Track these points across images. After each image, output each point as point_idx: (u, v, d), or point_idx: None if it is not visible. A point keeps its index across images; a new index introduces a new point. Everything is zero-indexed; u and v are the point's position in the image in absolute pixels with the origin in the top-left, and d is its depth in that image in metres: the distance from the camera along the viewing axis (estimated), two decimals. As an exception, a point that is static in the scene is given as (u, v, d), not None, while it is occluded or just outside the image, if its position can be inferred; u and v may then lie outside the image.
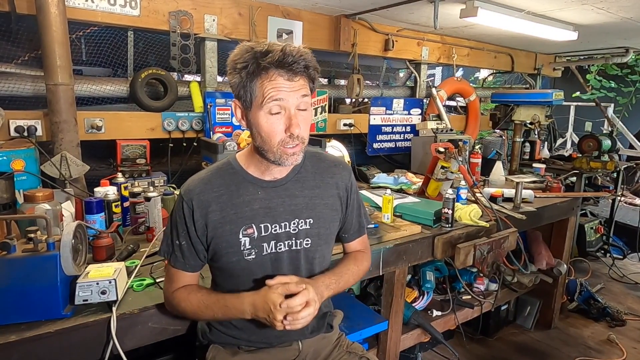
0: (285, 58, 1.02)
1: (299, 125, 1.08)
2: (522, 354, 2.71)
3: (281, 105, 1.06)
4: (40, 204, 1.52)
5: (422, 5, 2.65)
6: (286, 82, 1.05)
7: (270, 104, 1.05)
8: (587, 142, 3.73)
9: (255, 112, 1.08)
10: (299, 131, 1.08)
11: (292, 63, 1.03)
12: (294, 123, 1.07)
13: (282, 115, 1.07)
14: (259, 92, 1.05)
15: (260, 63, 1.03)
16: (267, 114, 1.06)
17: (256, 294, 1.12)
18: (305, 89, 1.08)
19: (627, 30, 3.30)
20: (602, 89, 6.62)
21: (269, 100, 1.04)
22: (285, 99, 1.05)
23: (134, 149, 2.35)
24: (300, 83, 1.07)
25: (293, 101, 1.06)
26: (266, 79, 1.04)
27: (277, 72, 1.04)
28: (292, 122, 1.07)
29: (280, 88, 1.04)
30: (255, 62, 1.03)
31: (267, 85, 1.04)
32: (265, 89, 1.04)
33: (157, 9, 2.36)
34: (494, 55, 4.22)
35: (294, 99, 1.06)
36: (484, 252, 2.01)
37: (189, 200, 1.14)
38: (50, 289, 1.13)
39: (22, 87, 2.15)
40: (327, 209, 1.25)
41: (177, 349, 1.56)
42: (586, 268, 3.84)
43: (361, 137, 3.46)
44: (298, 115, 1.08)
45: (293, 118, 1.07)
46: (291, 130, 1.07)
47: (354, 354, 1.37)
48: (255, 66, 1.03)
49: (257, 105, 1.07)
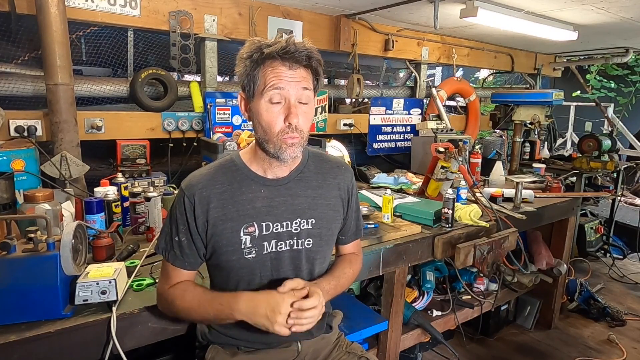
0: (288, 47, 1.04)
1: (298, 116, 1.08)
2: (522, 354, 2.71)
3: (281, 95, 1.07)
4: (40, 204, 1.52)
5: (422, 5, 2.65)
6: (288, 71, 1.06)
7: (270, 92, 1.06)
8: (587, 142, 3.72)
9: (257, 101, 1.09)
10: (298, 122, 1.08)
11: (294, 52, 1.05)
12: (292, 112, 1.07)
13: (282, 105, 1.08)
14: (261, 80, 1.07)
15: (263, 52, 1.05)
16: (267, 102, 1.08)
17: (258, 293, 1.11)
18: (306, 81, 1.09)
19: (627, 30, 3.30)
20: (602, 89, 6.62)
21: (270, 88, 1.06)
22: (286, 87, 1.06)
23: (134, 149, 2.35)
24: (301, 74, 1.08)
25: (293, 91, 1.07)
26: (269, 67, 1.06)
27: (280, 61, 1.06)
28: (292, 111, 1.07)
29: (281, 76, 1.06)
30: (259, 51, 1.06)
31: (269, 74, 1.06)
32: (267, 76, 1.06)
33: (157, 9, 2.36)
34: (494, 55, 4.22)
35: (295, 89, 1.07)
36: (484, 252, 2.01)
37: (191, 195, 1.14)
38: (50, 289, 1.13)
39: (22, 87, 2.15)
40: (330, 210, 1.25)
41: (177, 349, 1.56)
42: (586, 268, 3.84)
43: (361, 137, 3.46)
44: (298, 108, 1.09)
45: (292, 108, 1.07)
46: (290, 119, 1.07)
47: (353, 354, 1.37)
48: (259, 54, 1.06)
49: (258, 93, 1.08)
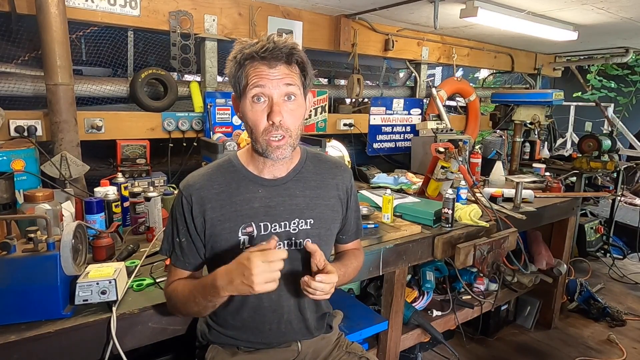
0: (267, 45, 1.05)
1: (281, 114, 1.07)
2: (522, 354, 2.71)
3: (264, 93, 1.07)
4: (40, 204, 1.52)
5: (422, 5, 2.65)
6: (268, 69, 1.06)
7: (252, 91, 1.07)
8: (587, 142, 3.72)
9: (243, 101, 1.10)
10: (281, 120, 1.07)
11: (272, 49, 1.05)
12: (275, 110, 1.06)
13: (265, 103, 1.08)
14: (244, 80, 1.08)
15: (244, 52, 1.06)
16: (251, 101, 1.08)
17: (230, 264, 1.04)
18: (289, 77, 1.08)
19: (627, 30, 3.30)
20: (603, 89, 6.62)
21: (252, 87, 1.07)
22: (267, 85, 1.06)
23: (134, 149, 2.35)
24: (283, 71, 1.07)
25: (275, 89, 1.07)
26: (250, 67, 1.07)
27: (259, 59, 1.06)
28: (274, 109, 1.07)
29: (262, 75, 1.06)
30: (241, 51, 1.07)
31: (251, 73, 1.07)
32: (249, 76, 1.07)
33: (157, 9, 2.36)
34: (494, 55, 4.22)
35: (277, 86, 1.07)
36: (484, 252, 2.01)
37: (188, 195, 1.14)
38: (50, 289, 1.13)
39: (22, 87, 2.15)
40: (328, 210, 1.25)
41: (177, 349, 1.56)
42: (586, 268, 3.84)
43: (361, 137, 3.46)
44: (282, 105, 1.08)
45: (275, 106, 1.07)
46: (272, 117, 1.07)
47: (353, 354, 1.37)
48: (241, 55, 1.07)
49: (243, 93, 1.09)
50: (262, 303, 1.19)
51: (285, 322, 1.23)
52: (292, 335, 1.26)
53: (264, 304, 1.19)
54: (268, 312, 1.21)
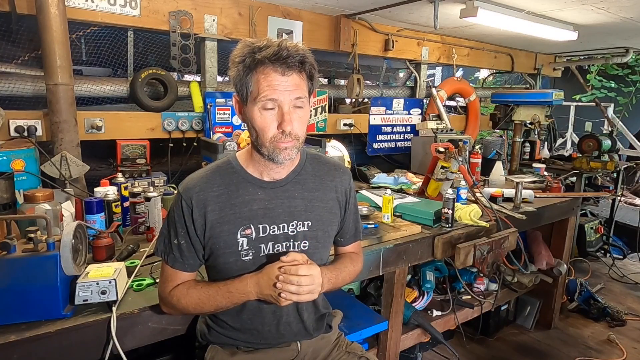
0: (281, 52, 1.03)
1: (292, 123, 1.07)
2: (522, 354, 2.71)
3: (275, 100, 1.06)
4: (40, 204, 1.52)
5: (422, 5, 2.65)
6: (280, 77, 1.04)
7: (263, 100, 1.05)
8: (587, 142, 3.72)
9: (251, 106, 1.08)
10: (292, 128, 1.07)
11: (286, 57, 1.03)
12: (286, 120, 1.06)
13: (276, 111, 1.07)
14: (254, 87, 1.06)
15: (255, 57, 1.04)
16: (260, 109, 1.07)
17: (259, 272, 1.13)
18: (300, 89, 1.08)
19: (627, 30, 3.30)
20: (603, 89, 6.62)
21: (263, 97, 1.05)
22: (279, 97, 1.05)
23: (134, 149, 2.35)
24: (295, 79, 1.06)
25: (287, 98, 1.06)
26: (261, 74, 1.05)
27: (272, 66, 1.04)
28: (285, 118, 1.06)
29: (274, 85, 1.04)
30: (251, 56, 1.04)
31: (262, 82, 1.04)
32: (261, 85, 1.05)
33: (157, 9, 2.36)
34: (494, 55, 4.22)
35: (288, 95, 1.06)
36: (484, 252, 2.01)
37: (188, 198, 1.14)
38: (50, 289, 1.13)
39: (22, 87, 2.15)
40: (326, 212, 1.25)
41: (176, 349, 1.56)
42: (586, 268, 3.84)
43: (361, 137, 3.46)
44: (292, 113, 1.08)
45: (286, 115, 1.06)
46: (283, 126, 1.07)
47: (353, 354, 1.37)
48: (251, 60, 1.04)
49: (252, 99, 1.07)
50: (262, 305, 1.19)
51: (284, 324, 1.23)
52: (291, 336, 1.27)
53: (263, 306, 1.20)
54: (267, 314, 1.21)
